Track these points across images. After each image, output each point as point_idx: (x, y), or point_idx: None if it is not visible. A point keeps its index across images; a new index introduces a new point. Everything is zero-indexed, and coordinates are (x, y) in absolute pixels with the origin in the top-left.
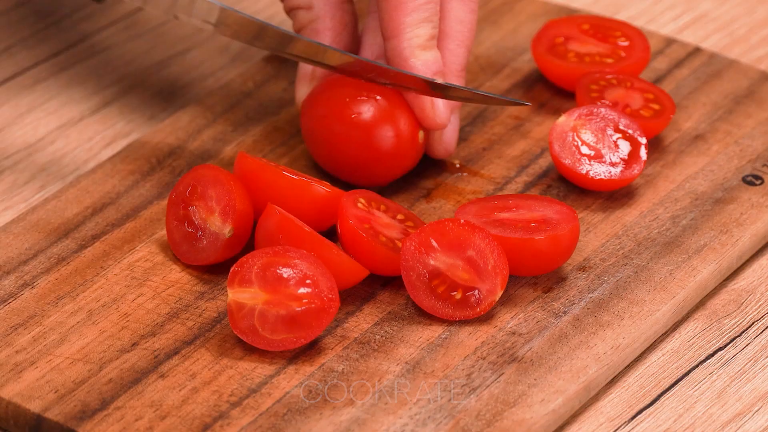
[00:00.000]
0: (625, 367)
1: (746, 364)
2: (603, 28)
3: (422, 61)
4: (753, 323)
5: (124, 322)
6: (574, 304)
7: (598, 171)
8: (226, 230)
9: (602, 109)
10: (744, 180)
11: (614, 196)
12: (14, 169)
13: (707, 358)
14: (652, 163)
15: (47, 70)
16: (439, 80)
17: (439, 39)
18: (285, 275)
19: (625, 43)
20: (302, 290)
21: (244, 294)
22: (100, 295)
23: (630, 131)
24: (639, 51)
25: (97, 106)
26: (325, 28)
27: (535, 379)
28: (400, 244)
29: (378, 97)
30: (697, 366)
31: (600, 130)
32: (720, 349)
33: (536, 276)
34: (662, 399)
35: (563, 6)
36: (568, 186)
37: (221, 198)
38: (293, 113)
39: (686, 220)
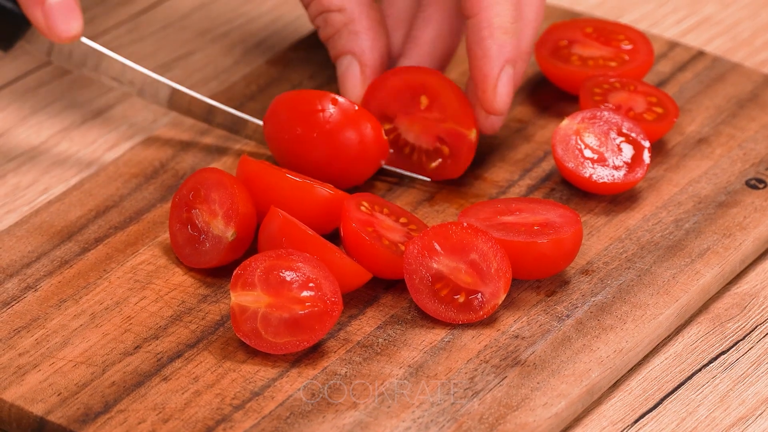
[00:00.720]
0: (628, 371)
1: (749, 367)
2: (606, 31)
3: (498, 45)
4: (756, 327)
5: (127, 325)
6: (577, 307)
7: (602, 174)
8: (229, 234)
9: (605, 113)
10: (747, 183)
11: (617, 199)
12: (17, 171)
13: (710, 362)
14: (656, 166)
15: (50, 73)
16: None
17: None
18: (288, 278)
19: (629, 47)
20: (305, 293)
21: (246, 297)
22: (103, 298)
23: (633, 135)
24: (642, 54)
25: (100, 109)
26: (363, 29)
27: (538, 383)
28: (403, 248)
29: (341, 100)
30: (700, 370)
31: (603, 134)
32: (723, 352)
33: (539, 279)
34: (665, 403)
35: (567, 9)
36: (571, 189)
37: (224, 201)
38: None
39: (689, 223)
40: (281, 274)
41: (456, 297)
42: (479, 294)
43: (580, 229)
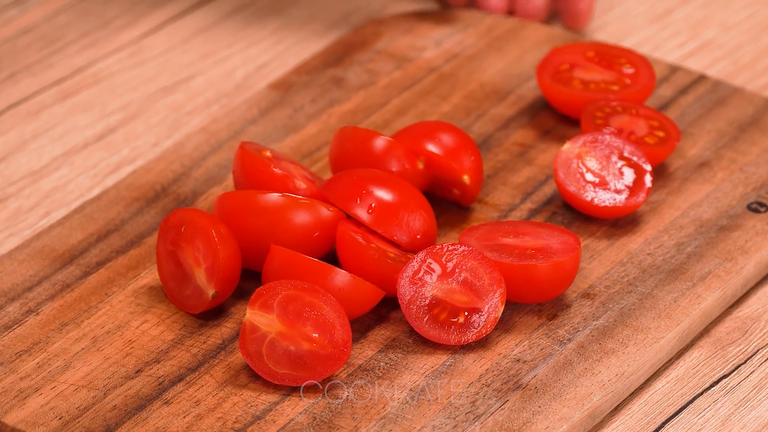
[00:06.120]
0: (630, 395)
1: (751, 391)
2: (608, 55)
3: None
4: (758, 351)
5: (129, 348)
6: (578, 331)
7: (603, 198)
8: (210, 292)
9: (607, 137)
10: (749, 207)
11: (619, 223)
12: (19, 195)
13: (712, 386)
14: (657, 190)
15: (52, 97)
16: None
17: None
18: (305, 313)
19: (630, 71)
20: (317, 334)
21: (261, 318)
22: (104, 322)
23: (635, 158)
24: (644, 78)
25: (102, 132)
26: None
27: (539, 407)
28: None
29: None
30: (701, 394)
31: (605, 158)
32: (725, 376)
33: (541, 303)
34: (666, 427)
35: (569, 33)
36: (572, 213)
37: (208, 255)
38: (298, 140)
39: (691, 247)
40: (300, 307)
41: (455, 319)
42: (478, 311)
43: (578, 254)
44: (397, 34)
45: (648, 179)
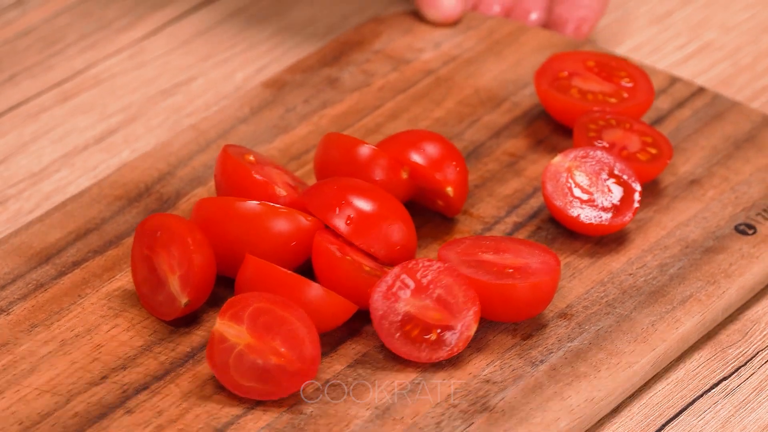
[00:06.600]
0: (629, 397)
1: (751, 393)
2: (608, 66)
3: None
4: (758, 353)
5: (96, 353)
6: (552, 352)
7: (589, 215)
8: (183, 301)
9: (599, 152)
10: (737, 229)
11: (603, 241)
12: (19, 197)
13: (712, 388)
14: (645, 207)
15: (52, 99)
16: None
17: None
18: (275, 327)
19: (629, 85)
20: (285, 348)
21: (231, 329)
22: (74, 325)
23: (625, 177)
24: (642, 93)
25: (102, 134)
26: None
27: (505, 430)
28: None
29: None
30: (701, 396)
31: (594, 174)
32: (724, 378)
33: (516, 322)
34: (666, 429)
35: (569, 40)
36: (557, 228)
37: (183, 262)
38: (287, 141)
39: (674, 269)
40: (271, 320)
41: (427, 336)
42: (450, 329)
43: (557, 275)
44: (397, 34)
45: (636, 198)
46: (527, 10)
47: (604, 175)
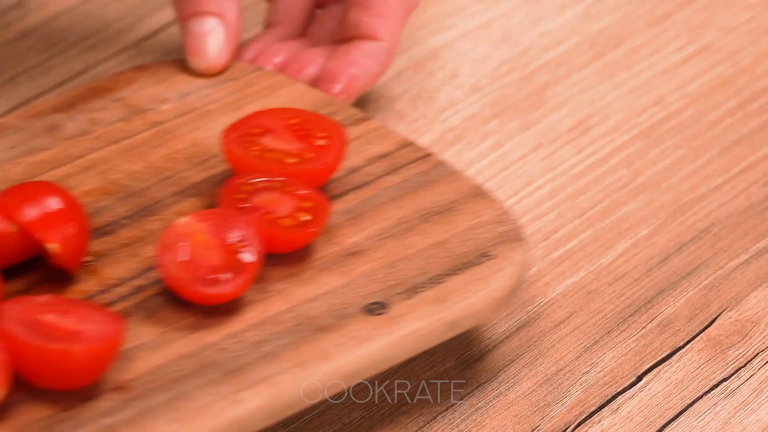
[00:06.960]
0: (629, 399)
1: (750, 395)
2: (310, 125)
3: None
4: (758, 354)
5: None
6: (81, 427)
7: (197, 284)
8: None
9: (227, 217)
10: (367, 308)
11: (218, 311)
12: None
13: (711, 389)
14: (284, 278)
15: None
16: None
17: None
18: None
19: (322, 144)
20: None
21: None
22: None
23: (245, 244)
24: (330, 157)
25: None
26: None
27: None
28: None
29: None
30: (701, 397)
31: (213, 238)
32: (724, 379)
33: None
34: (666, 430)
35: (326, 98)
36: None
37: None
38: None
39: (271, 346)
40: None
41: None
42: None
43: (99, 348)
44: (150, 82)
45: (249, 271)
46: (304, 65)
47: (225, 240)
